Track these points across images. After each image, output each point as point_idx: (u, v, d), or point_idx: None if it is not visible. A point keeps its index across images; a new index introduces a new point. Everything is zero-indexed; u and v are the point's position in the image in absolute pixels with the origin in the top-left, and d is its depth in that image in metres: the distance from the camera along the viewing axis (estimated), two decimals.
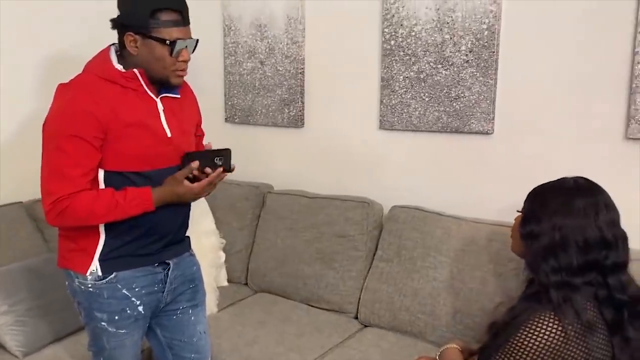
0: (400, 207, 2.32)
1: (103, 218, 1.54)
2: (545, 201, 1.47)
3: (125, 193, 1.54)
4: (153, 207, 1.57)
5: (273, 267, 2.50)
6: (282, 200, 2.59)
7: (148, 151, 1.59)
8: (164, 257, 1.69)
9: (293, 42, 2.65)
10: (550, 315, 1.36)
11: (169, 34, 1.52)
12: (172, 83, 1.60)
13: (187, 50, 1.57)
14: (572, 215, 1.40)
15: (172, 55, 1.54)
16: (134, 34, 1.53)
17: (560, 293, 1.36)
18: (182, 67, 1.59)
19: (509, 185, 2.19)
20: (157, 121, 1.61)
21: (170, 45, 1.52)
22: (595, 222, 1.40)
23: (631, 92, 1.91)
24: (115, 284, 1.61)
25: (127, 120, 1.55)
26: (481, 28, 2.17)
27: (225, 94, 2.90)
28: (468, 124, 2.25)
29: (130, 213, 1.55)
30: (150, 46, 1.53)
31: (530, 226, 1.46)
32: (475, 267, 2.05)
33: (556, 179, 1.55)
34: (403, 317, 2.14)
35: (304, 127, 2.70)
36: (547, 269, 1.40)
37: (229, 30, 2.83)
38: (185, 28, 1.57)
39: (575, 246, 1.38)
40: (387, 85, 2.40)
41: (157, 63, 1.55)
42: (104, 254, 1.60)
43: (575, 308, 1.34)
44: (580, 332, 1.34)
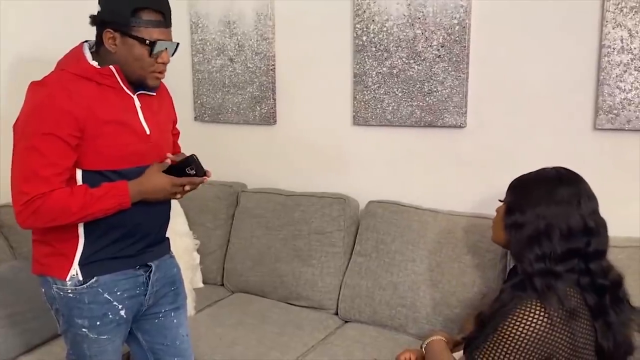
0: (376, 202, 2.33)
1: (78, 214, 1.48)
2: (529, 191, 1.50)
3: (100, 188, 1.50)
4: (129, 200, 1.52)
5: (249, 267, 2.48)
6: (256, 199, 2.56)
7: (127, 149, 1.54)
8: (146, 259, 1.64)
9: (263, 38, 2.62)
10: (535, 303, 1.39)
11: (149, 34, 1.49)
12: (149, 84, 1.57)
13: (167, 52, 1.54)
14: (556, 204, 1.44)
15: (151, 56, 1.51)
16: (113, 31, 1.49)
17: (544, 280, 1.40)
18: (161, 69, 1.56)
19: (483, 177, 2.24)
20: (135, 118, 1.57)
21: (149, 45, 1.49)
22: (578, 211, 1.44)
23: (599, 84, 1.98)
24: (97, 289, 1.55)
25: (105, 118, 1.50)
26: (452, 23, 2.20)
27: (194, 92, 2.85)
28: (441, 118, 2.28)
29: (106, 207, 1.49)
30: (129, 45, 1.49)
31: (514, 216, 1.49)
32: (454, 259, 2.09)
33: (537, 170, 1.59)
34: (383, 312, 2.15)
35: (277, 125, 2.68)
36: (531, 257, 1.43)
37: (197, 27, 2.78)
38: (167, 30, 1.54)
39: (559, 234, 1.42)
40: (360, 81, 2.41)
41: (135, 62, 1.51)
42: (84, 258, 1.54)
43: (558, 295, 1.38)
44: (564, 318, 1.38)
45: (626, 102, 1.95)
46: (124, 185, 1.51)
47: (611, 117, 1.98)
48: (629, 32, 1.92)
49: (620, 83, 1.95)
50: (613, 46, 1.94)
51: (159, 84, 1.61)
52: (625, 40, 1.92)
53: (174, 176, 1.55)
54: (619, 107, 1.97)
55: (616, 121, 1.98)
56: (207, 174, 1.59)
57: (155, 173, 1.56)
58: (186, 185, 1.57)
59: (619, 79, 1.95)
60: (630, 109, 1.95)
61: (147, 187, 1.54)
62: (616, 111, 1.97)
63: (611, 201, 1.63)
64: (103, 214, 1.51)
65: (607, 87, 1.97)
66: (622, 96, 1.96)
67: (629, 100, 1.95)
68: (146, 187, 1.54)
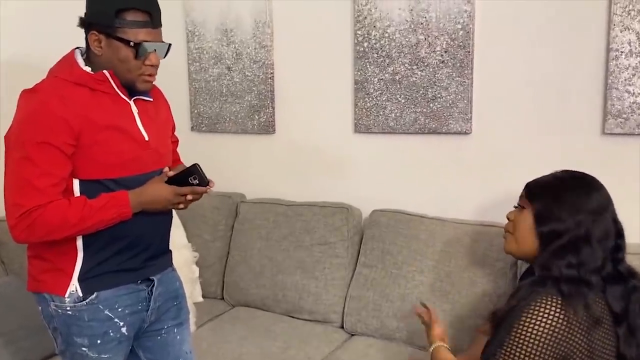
0: (380, 211, 2.28)
1: (76, 227, 1.41)
2: (562, 197, 1.44)
3: (99, 198, 1.43)
4: (130, 211, 1.45)
5: (250, 280, 2.41)
6: (256, 209, 2.50)
7: (125, 156, 1.48)
8: (148, 273, 1.58)
9: (261, 46, 2.58)
10: (553, 298, 1.34)
11: (134, 35, 1.42)
12: (138, 88, 1.50)
13: (155, 54, 1.48)
14: (594, 209, 1.41)
15: (137, 58, 1.44)
16: (97, 33, 1.43)
17: (572, 287, 1.35)
18: (150, 72, 1.49)
19: (489, 184, 2.19)
20: (132, 124, 1.51)
21: (135, 47, 1.42)
22: (611, 214, 1.43)
23: (607, 88, 1.95)
24: (97, 305, 1.48)
25: (101, 124, 1.44)
26: (456, 28, 2.17)
27: (191, 101, 2.79)
28: (446, 125, 2.24)
29: (106, 218, 1.43)
30: (114, 47, 1.43)
31: (550, 224, 1.43)
32: (463, 268, 2.03)
33: (553, 174, 1.55)
34: (391, 324, 2.09)
35: (276, 134, 2.62)
36: (561, 264, 1.38)
37: (193, 35, 2.72)
38: (155, 30, 1.47)
39: (597, 240, 1.38)
40: (362, 88, 2.37)
41: (121, 65, 1.45)
42: (84, 273, 1.47)
43: (586, 302, 1.33)
44: (585, 322, 1.33)
45: (635, 106, 1.92)
46: (124, 195, 1.45)
47: (620, 122, 1.95)
48: (637, 35, 1.89)
49: (629, 87, 1.92)
50: (621, 49, 1.92)
51: (150, 88, 1.54)
52: (634, 43, 1.90)
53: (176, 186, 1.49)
54: (628, 111, 1.94)
55: (625, 125, 1.95)
56: (210, 184, 1.53)
57: (157, 182, 1.50)
58: (189, 194, 1.51)
59: (627, 83, 1.92)
60: None
61: (148, 196, 1.48)
62: (625, 115, 1.94)
63: (621, 207, 1.58)
64: (103, 226, 1.44)
65: (616, 91, 1.94)
66: (631, 100, 1.93)
67: (638, 104, 1.92)
68: (147, 197, 1.48)
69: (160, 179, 1.51)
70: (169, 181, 1.50)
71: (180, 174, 1.52)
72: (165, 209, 1.54)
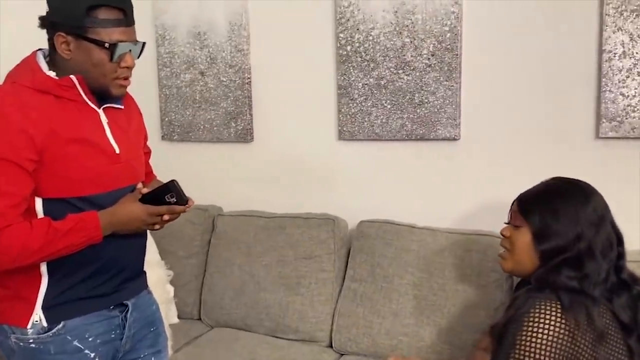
0: (368, 221, 2.17)
1: (40, 254, 1.26)
2: (556, 210, 1.36)
3: (65, 220, 1.28)
4: (101, 234, 1.31)
5: (230, 298, 2.25)
6: (235, 223, 2.35)
7: (94, 171, 1.33)
8: (121, 297, 1.42)
9: (237, 50, 2.44)
10: (552, 303, 1.26)
11: (108, 35, 1.28)
12: (113, 93, 1.35)
13: (131, 54, 1.34)
14: (593, 219, 1.34)
15: (112, 61, 1.30)
16: (65, 35, 1.28)
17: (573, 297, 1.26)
18: (125, 75, 1.35)
19: (480, 192, 2.12)
20: (102, 136, 1.36)
21: (109, 48, 1.28)
22: (610, 221, 1.37)
23: (601, 91, 1.90)
24: (64, 336, 1.33)
25: (68, 137, 1.29)
26: (443, 30, 2.09)
27: (161, 109, 2.63)
28: (434, 131, 2.15)
29: (74, 243, 1.28)
30: (85, 49, 1.28)
31: (551, 241, 1.35)
32: (457, 280, 1.94)
33: (543, 184, 1.48)
34: (383, 342, 1.97)
35: (254, 142, 2.49)
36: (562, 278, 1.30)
37: (163, 39, 2.57)
38: (129, 29, 1.32)
39: (600, 252, 1.31)
40: (345, 94, 2.26)
41: (94, 69, 1.30)
42: (49, 300, 1.32)
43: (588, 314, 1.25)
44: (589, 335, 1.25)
45: (630, 108, 1.87)
46: (94, 216, 1.30)
47: (615, 125, 1.90)
48: (630, 36, 1.84)
49: (623, 89, 1.87)
50: (614, 51, 1.87)
51: (124, 93, 1.40)
52: (627, 44, 1.85)
53: (151, 205, 1.34)
54: (622, 114, 1.88)
55: (620, 129, 1.89)
56: (189, 202, 1.39)
57: (129, 201, 1.35)
58: (165, 214, 1.36)
59: (621, 85, 1.87)
60: (635, 116, 1.87)
61: (120, 217, 1.33)
62: (620, 118, 1.89)
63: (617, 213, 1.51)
64: (70, 251, 1.29)
65: (610, 94, 1.89)
66: (625, 102, 1.87)
67: (632, 107, 1.87)
68: (120, 218, 1.33)
69: (134, 197, 1.36)
70: (143, 199, 1.36)
71: (156, 191, 1.37)
72: (139, 230, 1.40)
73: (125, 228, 1.35)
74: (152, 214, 1.34)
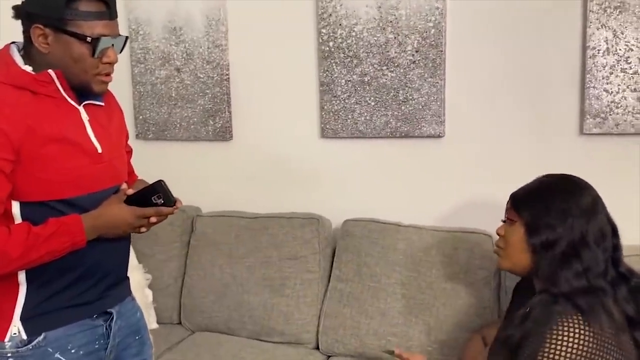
0: (353, 220, 2.13)
1: (19, 261, 1.19)
2: (550, 204, 1.36)
3: (47, 225, 1.20)
4: (85, 239, 1.23)
5: (212, 301, 2.18)
6: (215, 224, 2.28)
7: (75, 172, 1.26)
8: (105, 305, 1.35)
9: (215, 45, 2.37)
10: (574, 317, 1.24)
11: (90, 28, 1.20)
12: (94, 90, 1.28)
13: (113, 49, 1.26)
14: (584, 209, 1.34)
15: (94, 56, 1.22)
16: (43, 27, 1.20)
17: (589, 299, 1.25)
18: (107, 71, 1.28)
19: (466, 189, 2.11)
20: (83, 134, 1.28)
21: (91, 43, 1.21)
22: (603, 212, 1.37)
23: (585, 87, 1.91)
24: (45, 348, 1.25)
25: (46, 135, 1.21)
26: (427, 26, 2.06)
27: (135, 107, 2.54)
28: (418, 128, 2.13)
29: (56, 249, 1.21)
30: (65, 43, 1.21)
31: (541, 235, 1.34)
32: (445, 278, 1.92)
33: (537, 180, 1.47)
34: (372, 342, 1.94)
35: (233, 140, 2.42)
36: (569, 276, 1.29)
37: (137, 34, 2.48)
38: (112, 22, 1.25)
39: (594, 241, 1.31)
40: (328, 90, 2.22)
41: (75, 65, 1.22)
42: (28, 311, 1.24)
43: (607, 310, 1.24)
44: (613, 332, 1.24)
45: (614, 105, 1.89)
46: (77, 220, 1.23)
47: (599, 121, 1.91)
48: (613, 33, 1.86)
49: (607, 85, 1.88)
50: (598, 48, 1.88)
51: (106, 90, 1.33)
52: (611, 41, 1.86)
53: (137, 206, 1.28)
54: (606, 111, 1.90)
55: (604, 125, 1.91)
56: (177, 203, 1.33)
57: (114, 203, 1.28)
58: (153, 216, 1.29)
59: (605, 81, 1.88)
60: (619, 112, 1.89)
61: (105, 220, 1.26)
62: (603, 115, 1.90)
63: None
64: (52, 258, 1.22)
65: (594, 90, 1.90)
66: (609, 99, 1.89)
67: (616, 104, 1.89)
68: (105, 221, 1.26)
69: (118, 199, 1.29)
70: (128, 201, 1.29)
71: (142, 192, 1.31)
72: (125, 233, 1.33)
73: (110, 232, 1.28)
74: (139, 216, 1.28)
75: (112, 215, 1.26)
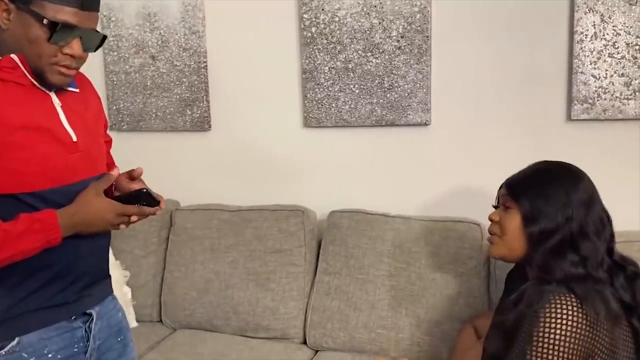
0: (339, 211, 2.08)
1: None
2: (547, 192, 1.32)
3: (17, 221, 1.11)
4: (60, 236, 1.14)
5: (194, 298, 2.11)
6: (195, 218, 2.20)
7: (48, 163, 1.17)
8: (84, 306, 1.27)
9: (192, 32, 2.28)
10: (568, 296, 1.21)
11: (54, 12, 1.10)
12: (49, 80, 1.16)
13: (79, 42, 1.15)
14: (583, 200, 1.31)
15: (50, 41, 1.12)
16: (8, 2, 1.11)
17: (584, 285, 1.22)
18: (67, 63, 1.16)
19: (453, 177, 2.08)
20: (55, 121, 1.19)
21: (48, 26, 1.10)
22: (599, 201, 1.34)
23: (572, 73, 1.88)
24: (19, 354, 1.16)
25: (15, 124, 1.12)
26: (412, 11, 2.01)
27: (108, 97, 2.43)
28: (404, 116, 2.08)
29: (28, 248, 1.12)
30: (24, 22, 1.11)
31: (540, 224, 1.30)
32: (435, 269, 1.88)
33: (532, 167, 1.43)
34: (361, 336, 1.90)
35: (211, 131, 2.34)
36: (564, 265, 1.26)
37: (109, 21, 2.37)
38: (85, 13, 1.14)
39: (593, 232, 1.28)
40: (311, 78, 2.15)
41: (30, 47, 1.12)
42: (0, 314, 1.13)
43: (604, 299, 1.21)
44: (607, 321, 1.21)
45: (601, 90, 1.87)
46: (52, 215, 1.14)
47: (586, 107, 1.89)
48: (601, 17, 1.84)
49: (595, 71, 1.86)
50: (585, 32, 1.85)
51: (64, 83, 1.20)
52: (598, 25, 1.84)
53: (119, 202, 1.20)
54: (594, 96, 1.88)
55: (592, 111, 1.89)
56: (160, 205, 1.25)
57: (93, 197, 1.19)
58: (134, 215, 1.21)
59: (593, 67, 1.86)
60: (606, 98, 1.87)
61: (83, 216, 1.18)
62: (591, 100, 1.88)
63: None
64: (23, 257, 1.12)
65: (582, 76, 1.88)
66: (597, 84, 1.87)
67: (604, 89, 1.87)
68: (82, 217, 1.17)
69: (96, 191, 1.20)
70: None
71: (124, 197, 1.23)
72: (104, 231, 1.24)
73: (88, 229, 1.19)
74: (119, 213, 1.19)
75: (90, 210, 1.18)
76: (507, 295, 1.48)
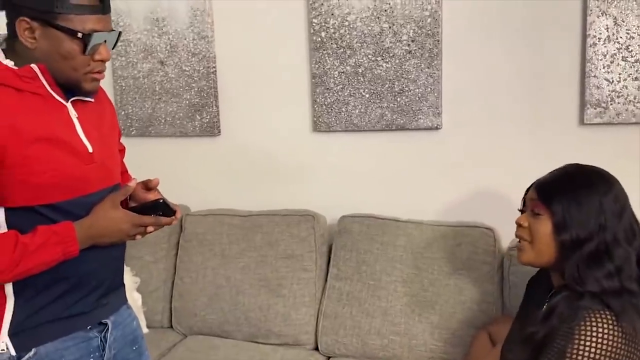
0: (350, 216, 2.07)
1: (7, 274, 1.10)
2: (581, 199, 1.28)
3: (36, 233, 1.11)
4: (78, 248, 1.14)
5: (205, 304, 2.10)
6: (206, 223, 2.19)
7: (64, 174, 1.16)
8: (100, 316, 1.27)
9: (200, 37, 2.27)
10: (604, 313, 1.19)
11: (82, 23, 1.11)
12: (84, 89, 1.19)
13: (106, 46, 1.17)
14: (617, 209, 1.27)
15: (85, 53, 1.13)
16: (30, 20, 1.10)
17: (621, 300, 1.20)
18: (99, 68, 1.19)
19: (464, 182, 2.06)
20: (71, 133, 1.19)
21: (83, 39, 1.11)
22: (629, 208, 1.31)
23: (585, 77, 1.87)
24: None
25: (32, 136, 1.12)
26: (423, 15, 2.00)
27: (116, 102, 2.42)
28: (415, 120, 2.07)
29: (46, 261, 1.12)
30: (54, 39, 1.11)
31: (572, 232, 1.26)
32: (448, 274, 1.87)
33: (563, 170, 1.39)
34: (374, 342, 1.89)
35: (221, 135, 2.33)
36: (599, 276, 1.23)
37: (116, 26, 2.35)
38: (105, 17, 1.16)
39: (625, 240, 1.25)
40: (321, 82, 2.14)
41: (64, 62, 1.13)
42: (17, 325, 1.15)
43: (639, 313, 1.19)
44: None
45: (615, 94, 1.86)
46: (69, 228, 1.14)
47: (599, 111, 1.88)
48: (614, 20, 1.82)
49: (608, 74, 1.85)
50: (598, 36, 1.84)
51: (97, 88, 1.24)
52: (612, 29, 1.83)
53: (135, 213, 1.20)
54: (607, 100, 1.87)
55: (605, 115, 1.88)
56: (176, 214, 1.25)
57: (110, 209, 1.19)
58: (150, 225, 1.21)
59: (606, 70, 1.85)
60: (620, 102, 1.86)
61: (99, 228, 1.18)
62: (604, 104, 1.87)
63: None
64: (41, 270, 1.13)
65: (595, 80, 1.86)
66: (610, 88, 1.86)
67: (617, 93, 1.86)
68: (98, 229, 1.18)
69: (112, 203, 1.20)
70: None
71: (141, 207, 1.23)
72: (120, 241, 1.24)
73: (105, 240, 1.19)
74: (136, 224, 1.19)
75: (107, 222, 1.18)
76: (529, 302, 1.46)
